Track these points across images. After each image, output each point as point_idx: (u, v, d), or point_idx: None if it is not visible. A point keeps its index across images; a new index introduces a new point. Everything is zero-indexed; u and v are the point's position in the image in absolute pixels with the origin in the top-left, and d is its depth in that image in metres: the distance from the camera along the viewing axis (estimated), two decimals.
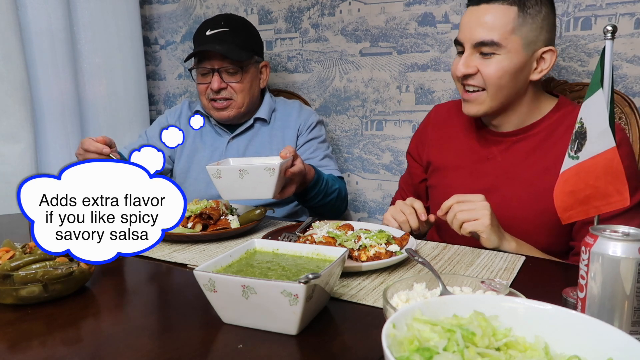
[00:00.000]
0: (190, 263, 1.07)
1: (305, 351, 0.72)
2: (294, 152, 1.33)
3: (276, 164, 1.22)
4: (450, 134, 1.45)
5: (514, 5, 1.19)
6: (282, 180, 1.29)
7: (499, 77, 1.21)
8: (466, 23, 1.25)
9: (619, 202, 0.81)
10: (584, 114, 0.84)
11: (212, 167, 1.25)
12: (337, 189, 1.60)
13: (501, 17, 1.19)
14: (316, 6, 2.09)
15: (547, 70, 1.25)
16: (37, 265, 0.87)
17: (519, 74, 1.23)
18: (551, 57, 1.24)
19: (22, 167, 1.89)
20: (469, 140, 1.39)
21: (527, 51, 1.22)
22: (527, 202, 1.25)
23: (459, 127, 1.44)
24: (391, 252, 1.03)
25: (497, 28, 1.19)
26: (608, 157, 0.80)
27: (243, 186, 1.24)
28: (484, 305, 0.54)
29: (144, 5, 2.52)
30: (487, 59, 1.22)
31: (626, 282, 0.65)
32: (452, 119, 1.46)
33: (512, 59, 1.21)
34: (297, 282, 0.70)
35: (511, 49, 1.20)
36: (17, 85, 1.86)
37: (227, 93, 1.71)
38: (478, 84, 1.25)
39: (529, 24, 1.20)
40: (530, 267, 1.05)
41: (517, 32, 1.20)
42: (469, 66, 1.24)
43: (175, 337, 0.75)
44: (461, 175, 1.38)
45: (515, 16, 1.19)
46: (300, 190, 1.45)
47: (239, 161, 1.41)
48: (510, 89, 1.24)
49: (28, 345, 0.74)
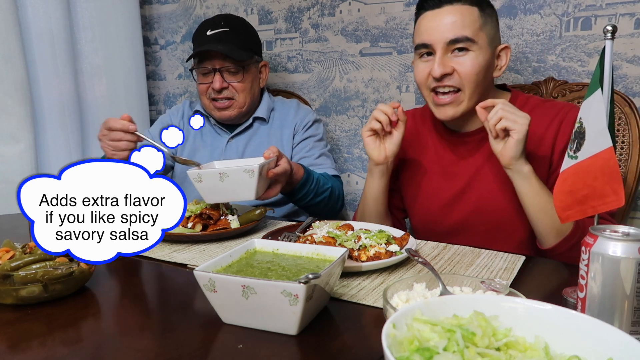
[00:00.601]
0: (190, 263, 1.07)
1: (305, 351, 0.72)
2: (277, 153, 1.33)
3: (255, 165, 1.22)
4: (418, 142, 1.45)
5: (475, 6, 1.24)
6: (265, 181, 1.29)
7: (476, 73, 1.23)
8: (432, 26, 1.25)
9: (615, 202, 0.81)
10: (584, 113, 0.84)
11: (192, 172, 1.25)
12: (329, 188, 1.59)
13: (468, 16, 1.23)
14: (316, 6, 2.09)
15: (505, 66, 1.31)
16: (37, 265, 0.87)
17: (489, 70, 1.27)
18: (507, 54, 1.31)
19: (22, 167, 1.89)
20: (437, 145, 1.41)
21: (491, 48, 1.27)
22: (501, 196, 1.28)
23: (425, 134, 1.46)
24: (391, 252, 1.03)
25: (468, 25, 1.22)
26: (605, 157, 0.80)
27: (224, 189, 1.24)
28: (484, 305, 0.54)
29: (144, 5, 2.53)
30: (461, 56, 1.24)
31: (626, 282, 0.65)
32: (417, 127, 1.47)
33: (483, 54, 1.24)
34: (297, 282, 0.70)
35: (482, 45, 1.24)
36: (17, 85, 1.86)
37: (229, 93, 1.71)
38: (454, 84, 1.25)
39: (489, 22, 1.26)
40: (530, 267, 1.05)
41: (483, 29, 1.24)
42: (446, 66, 1.24)
43: (175, 337, 0.75)
44: (435, 180, 1.40)
45: (478, 15, 1.24)
46: (288, 190, 1.44)
47: (224, 164, 1.40)
48: (483, 86, 1.27)
49: (28, 345, 0.74)
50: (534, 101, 1.33)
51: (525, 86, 1.65)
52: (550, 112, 1.28)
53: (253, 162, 1.34)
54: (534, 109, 1.29)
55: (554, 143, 1.26)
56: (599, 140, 0.81)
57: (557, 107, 1.30)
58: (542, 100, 1.34)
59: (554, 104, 1.32)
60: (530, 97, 1.35)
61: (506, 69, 1.33)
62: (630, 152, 1.45)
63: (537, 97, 1.37)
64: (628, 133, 1.46)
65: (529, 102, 1.33)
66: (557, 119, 1.26)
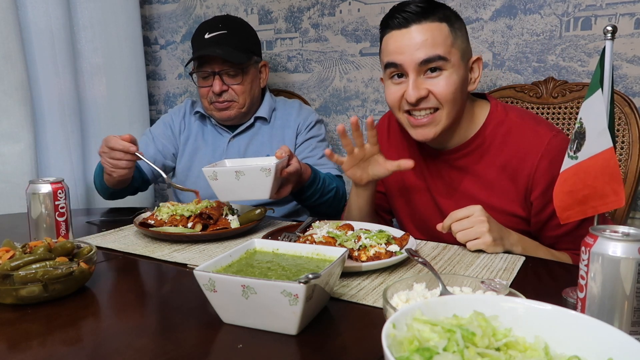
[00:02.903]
0: (190, 263, 1.07)
1: (305, 351, 0.72)
2: (289, 152, 1.33)
3: (272, 164, 1.22)
4: (403, 150, 1.40)
5: (443, 22, 1.18)
6: (278, 180, 1.29)
7: (452, 92, 1.18)
8: (401, 46, 1.18)
9: (615, 203, 0.81)
10: (584, 114, 0.84)
11: (208, 170, 1.25)
12: (334, 188, 1.60)
13: (438, 34, 1.17)
14: (316, 6, 2.09)
15: (478, 78, 1.26)
16: (37, 265, 0.87)
17: (464, 86, 1.22)
18: (479, 65, 1.26)
19: (22, 167, 1.89)
20: (419, 159, 1.34)
21: (464, 62, 1.22)
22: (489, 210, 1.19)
23: (402, 146, 1.41)
24: (391, 252, 1.03)
25: (439, 43, 1.16)
26: (605, 157, 0.80)
27: (240, 187, 1.24)
28: (484, 305, 0.54)
29: (144, 5, 2.53)
30: (434, 77, 1.18)
31: (626, 282, 0.65)
32: (395, 138, 1.43)
33: (457, 72, 1.19)
34: (297, 282, 0.70)
35: (454, 62, 1.18)
36: (17, 85, 1.86)
37: (229, 95, 1.72)
38: (431, 105, 1.20)
39: (460, 36, 1.21)
40: (530, 267, 1.05)
41: (454, 45, 1.19)
42: (420, 89, 1.18)
43: (175, 337, 0.75)
44: (416, 196, 1.38)
45: (448, 32, 1.18)
46: (296, 189, 1.45)
47: (235, 162, 1.41)
48: (460, 103, 1.22)
49: (28, 345, 0.74)
50: (512, 118, 1.25)
51: (525, 86, 1.65)
52: (529, 134, 1.22)
53: (267, 160, 1.34)
54: (512, 129, 1.24)
55: (532, 180, 1.20)
56: (599, 140, 0.81)
57: (538, 132, 1.22)
58: (520, 118, 1.26)
59: (535, 125, 1.24)
60: (510, 112, 1.27)
61: (505, 68, 1.32)
62: (630, 152, 1.45)
63: (516, 112, 1.28)
64: (628, 133, 1.46)
65: (507, 119, 1.25)
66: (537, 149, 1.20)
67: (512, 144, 1.23)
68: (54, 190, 1.14)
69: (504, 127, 1.25)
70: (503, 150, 1.24)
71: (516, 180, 1.23)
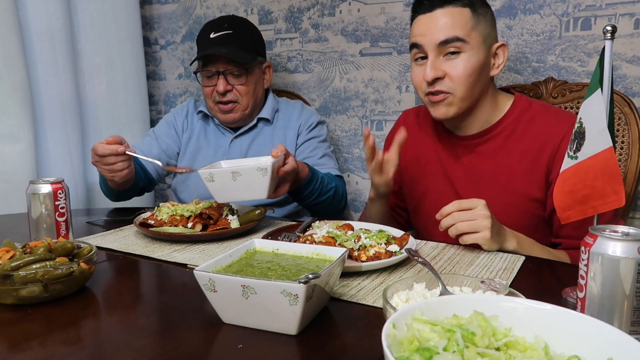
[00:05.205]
0: (190, 263, 1.07)
1: (305, 351, 0.72)
2: (285, 151, 1.33)
3: (268, 163, 1.22)
4: (421, 138, 1.47)
5: (467, 7, 1.24)
6: (275, 179, 1.29)
7: (468, 76, 1.23)
8: (424, 29, 1.25)
9: (616, 202, 0.81)
10: (583, 114, 0.85)
11: (204, 171, 1.25)
12: (333, 188, 1.60)
13: (459, 17, 1.23)
14: (316, 6, 2.09)
15: (502, 64, 1.30)
16: (37, 265, 0.87)
17: (483, 70, 1.26)
18: (504, 52, 1.30)
19: (22, 167, 1.89)
20: (437, 145, 1.42)
21: (486, 47, 1.26)
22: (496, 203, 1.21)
23: (428, 131, 1.46)
24: (391, 252, 1.03)
25: (459, 26, 1.22)
26: (605, 157, 0.81)
27: (237, 188, 1.24)
28: (484, 305, 0.54)
29: (144, 5, 2.53)
30: (453, 59, 1.23)
31: (626, 282, 0.65)
32: (421, 124, 1.49)
33: (477, 55, 1.24)
34: (297, 282, 0.70)
35: (474, 45, 1.23)
36: (17, 85, 1.86)
37: (233, 95, 1.72)
38: (445, 88, 1.25)
39: (482, 22, 1.25)
40: (530, 267, 1.05)
41: (476, 29, 1.24)
42: (437, 69, 1.24)
43: (175, 337, 0.75)
44: (434, 181, 1.41)
45: (470, 16, 1.23)
46: (294, 188, 1.45)
47: (230, 163, 1.40)
48: (477, 87, 1.26)
49: (28, 345, 0.74)
50: (536, 107, 1.32)
51: (525, 86, 1.65)
52: (552, 121, 1.27)
53: (263, 160, 1.34)
54: (536, 116, 1.29)
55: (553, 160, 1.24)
56: (599, 140, 0.81)
57: (560, 117, 1.28)
58: (544, 107, 1.32)
59: (557, 112, 1.31)
60: (533, 103, 1.34)
61: (505, 68, 1.34)
62: (630, 152, 1.45)
63: (540, 103, 1.35)
64: (628, 133, 1.46)
65: (531, 108, 1.31)
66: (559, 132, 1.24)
67: (535, 129, 1.26)
68: (54, 190, 1.14)
69: (527, 115, 1.29)
70: (525, 137, 1.28)
71: (538, 163, 1.26)
